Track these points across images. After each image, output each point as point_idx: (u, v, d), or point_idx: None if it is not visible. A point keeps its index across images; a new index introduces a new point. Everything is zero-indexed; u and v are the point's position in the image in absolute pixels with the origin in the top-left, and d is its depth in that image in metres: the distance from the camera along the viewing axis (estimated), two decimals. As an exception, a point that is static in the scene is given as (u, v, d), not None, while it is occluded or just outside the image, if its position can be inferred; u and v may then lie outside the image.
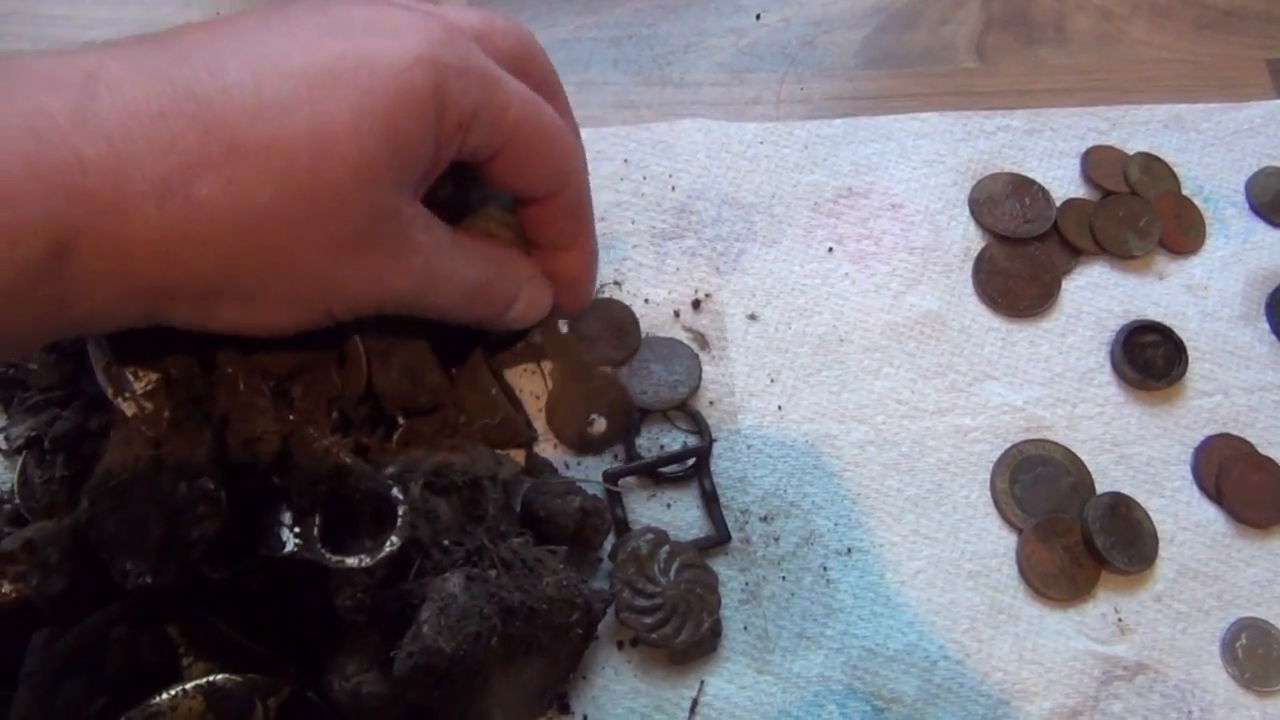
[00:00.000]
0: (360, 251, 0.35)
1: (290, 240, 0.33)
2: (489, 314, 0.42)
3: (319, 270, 0.34)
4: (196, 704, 0.37)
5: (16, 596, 0.39)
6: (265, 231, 0.32)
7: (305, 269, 0.34)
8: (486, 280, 0.41)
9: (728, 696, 0.45)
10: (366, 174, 0.33)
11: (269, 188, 0.32)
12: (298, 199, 0.32)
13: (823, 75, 0.62)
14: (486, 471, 0.42)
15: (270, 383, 0.40)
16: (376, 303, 0.37)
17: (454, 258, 0.39)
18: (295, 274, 0.34)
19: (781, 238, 0.56)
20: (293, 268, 0.34)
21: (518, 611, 0.38)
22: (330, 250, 0.34)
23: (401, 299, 0.38)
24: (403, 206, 0.36)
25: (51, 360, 0.43)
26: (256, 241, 0.32)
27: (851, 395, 0.52)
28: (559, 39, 0.61)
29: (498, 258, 0.43)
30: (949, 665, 0.47)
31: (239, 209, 0.32)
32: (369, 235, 0.35)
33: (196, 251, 0.32)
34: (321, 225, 0.33)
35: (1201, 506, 0.51)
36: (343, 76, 0.33)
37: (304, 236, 0.33)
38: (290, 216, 0.33)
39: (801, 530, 0.49)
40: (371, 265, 0.35)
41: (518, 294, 0.43)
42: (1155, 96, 0.62)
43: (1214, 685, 0.48)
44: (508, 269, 0.43)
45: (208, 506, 0.36)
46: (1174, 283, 0.57)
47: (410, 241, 0.36)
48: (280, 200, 0.32)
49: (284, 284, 0.34)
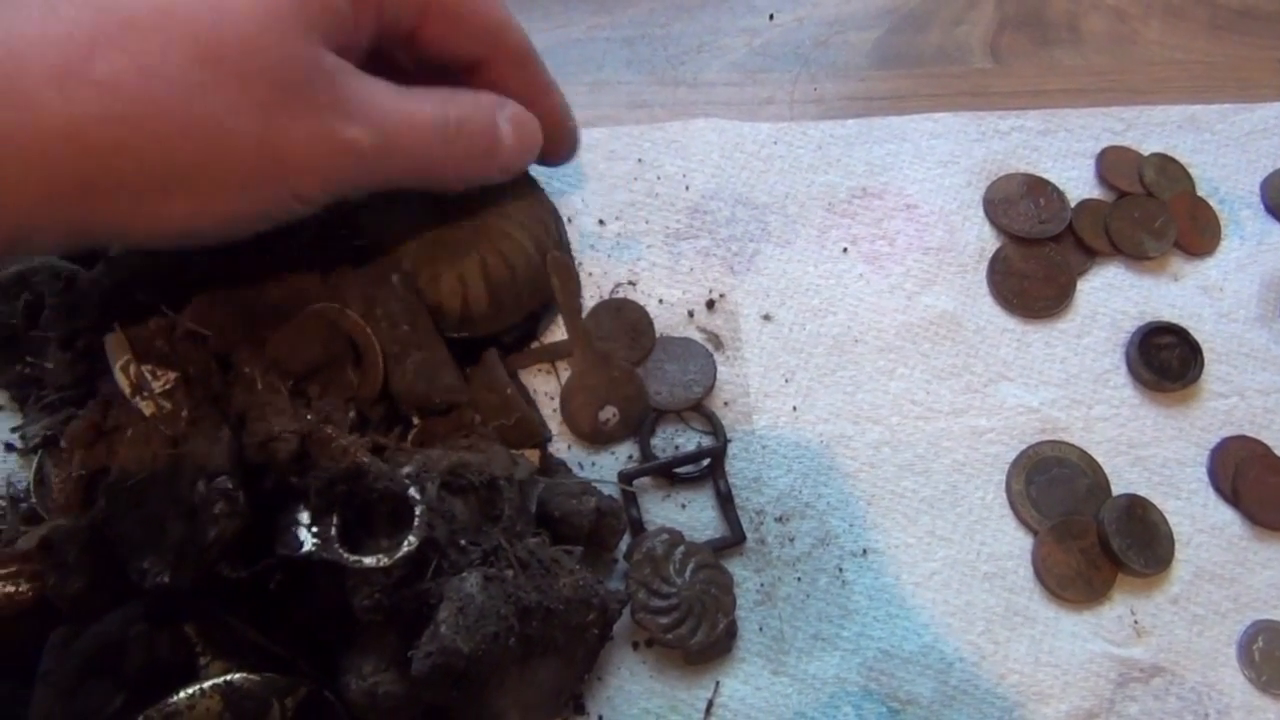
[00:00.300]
0: (293, 105, 0.33)
1: (213, 107, 0.31)
2: (480, 153, 0.41)
3: (256, 135, 0.33)
4: (214, 703, 0.37)
5: (34, 595, 0.40)
6: (184, 102, 0.31)
7: (241, 137, 0.32)
8: (455, 116, 0.39)
9: (743, 698, 0.45)
10: (273, 22, 0.32)
11: (175, 55, 0.31)
12: (208, 62, 0.31)
13: (836, 75, 0.62)
14: (503, 471, 0.42)
15: (288, 382, 0.40)
16: (341, 167, 0.35)
17: (404, 99, 0.38)
18: (232, 145, 0.32)
19: (796, 238, 0.55)
20: (227, 137, 0.32)
21: (534, 612, 0.38)
22: (260, 110, 0.32)
23: (366, 154, 0.36)
24: (322, 56, 0.34)
25: (68, 359, 0.43)
26: (177, 115, 0.31)
27: (866, 396, 0.52)
28: (572, 38, 0.61)
29: (454, 93, 0.41)
30: (965, 667, 0.46)
31: (148, 83, 0.30)
32: (296, 86, 0.33)
33: (115, 135, 0.30)
34: (241, 85, 0.32)
35: (1218, 508, 0.51)
36: None
37: (226, 100, 0.32)
38: (205, 81, 0.31)
39: (817, 531, 0.49)
40: (312, 119, 0.34)
41: (497, 121, 0.42)
42: (1170, 97, 0.62)
43: (1230, 688, 0.47)
44: (471, 100, 0.41)
45: (226, 506, 0.36)
46: (1189, 284, 0.56)
47: (342, 88, 0.35)
48: (190, 66, 0.31)
49: (225, 159, 0.33)
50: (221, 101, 0.31)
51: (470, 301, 0.46)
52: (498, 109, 0.42)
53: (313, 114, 0.34)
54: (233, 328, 0.41)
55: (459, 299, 0.45)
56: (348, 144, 0.35)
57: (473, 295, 0.46)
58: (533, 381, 0.51)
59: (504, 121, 0.42)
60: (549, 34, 0.61)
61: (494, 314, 0.47)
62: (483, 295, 0.46)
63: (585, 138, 0.56)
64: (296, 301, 0.42)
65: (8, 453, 0.46)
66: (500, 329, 0.48)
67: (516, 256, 0.47)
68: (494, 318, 0.47)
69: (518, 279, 0.47)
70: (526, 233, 0.47)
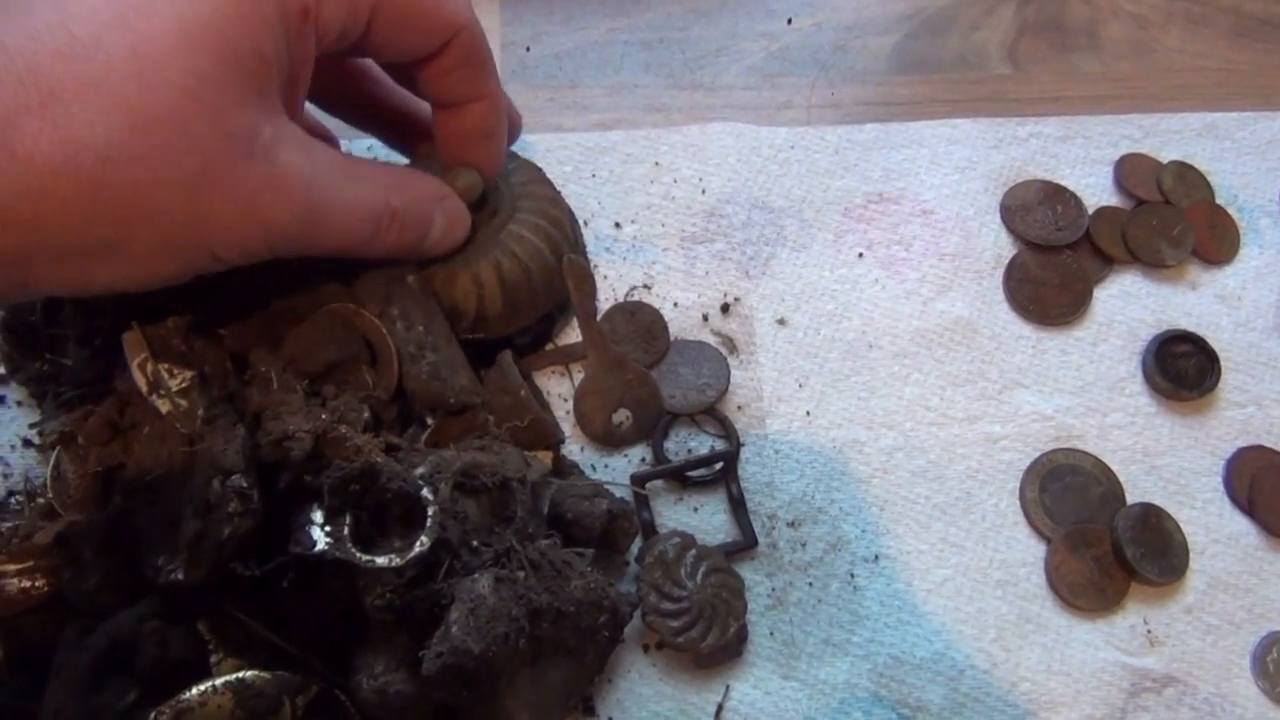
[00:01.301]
0: (219, 182, 0.32)
1: (137, 180, 0.31)
2: (407, 242, 0.40)
3: (179, 209, 0.32)
4: (226, 700, 0.37)
5: (49, 590, 0.40)
6: (107, 175, 0.30)
7: (164, 209, 0.32)
8: (391, 205, 0.39)
9: (753, 702, 0.45)
10: (204, 95, 0.31)
11: (100, 128, 0.30)
12: (133, 134, 0.30)
13: (854, 80, 0.62)
14: (515, 473, 0.42)
15: (303, 381, 0.40)
16: (262, 240, 0.34)
17: (344, 182, 0.37)
18: (155, 217, 0.32)
19: (811, 242, 0.55)
20: (150, 210, 0.31)
21: (545, 613, 0.38)
22: (185, 185, 0.31)
23: (289, 232, 0.35)
24: (260, 125, 0.33)
25: (86, 356, 0.44)
26: (100, 188, 0.30)
27: (880, 401, 0.52)
28: (591, 41, 0.62)
29: (399, 179, 0.40)
30: (976, 674, 0.46)
31: (70, 155, 0.29)
32: (224, 162, 0.32)
33: (35, 209, 0.30)
34: (166, 158, 0.31)
35: (1233, 518, 0.51)
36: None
37: (151, 174, 0.31)
38: (129, 155, 0.30)
39: (829, 536, 0.49)
40: (238, 195, 0.33)
41: (433, 213, 0.41)
42: (1190, 105, 0.62)
43: (1244, 699, 0.47)
44: (413, 189, 0.41)
45: (240, 504, 0.36)
46: (1207, 293, 0.56)
47: (279, 164, 0.34)
48: (114, 139, 0.30)
49: (147, 230, 0.32)
50: (147, 175, 0.31)
51: (485, 302, 0.46)
52: (436, 202, 0.42)
53: (241, 190, 0.33)
54: (249, 328, 0.41)
55: (474, 300, 0.46)
56: (272, 223, 0.34)
57: (488, 296, 0.46)
58: (547, 384, 0.51)
59: (440, 215, 0.42)
60: (568, 37, 0.62)
61: (509, 315, 0.47)
62: (497, 296, 0.46)
63: (602, 140, 0.57)
64: (312, 301, 0.43)
65: (26, 449, 0.47)
66: (515, 330, 0.48)
67: (531, 258, 0.47)
68: (508, 319, 0.47)
69: (533, 280, 0.47)
70: (542, 235, 0.47)
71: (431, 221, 0.41)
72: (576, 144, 0.57)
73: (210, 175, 0.32)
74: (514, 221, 0.47)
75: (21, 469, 0.46)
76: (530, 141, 0.56)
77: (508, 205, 0.48)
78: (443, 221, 0.42)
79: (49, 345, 0.45)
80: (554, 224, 0.48)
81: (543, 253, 0.47)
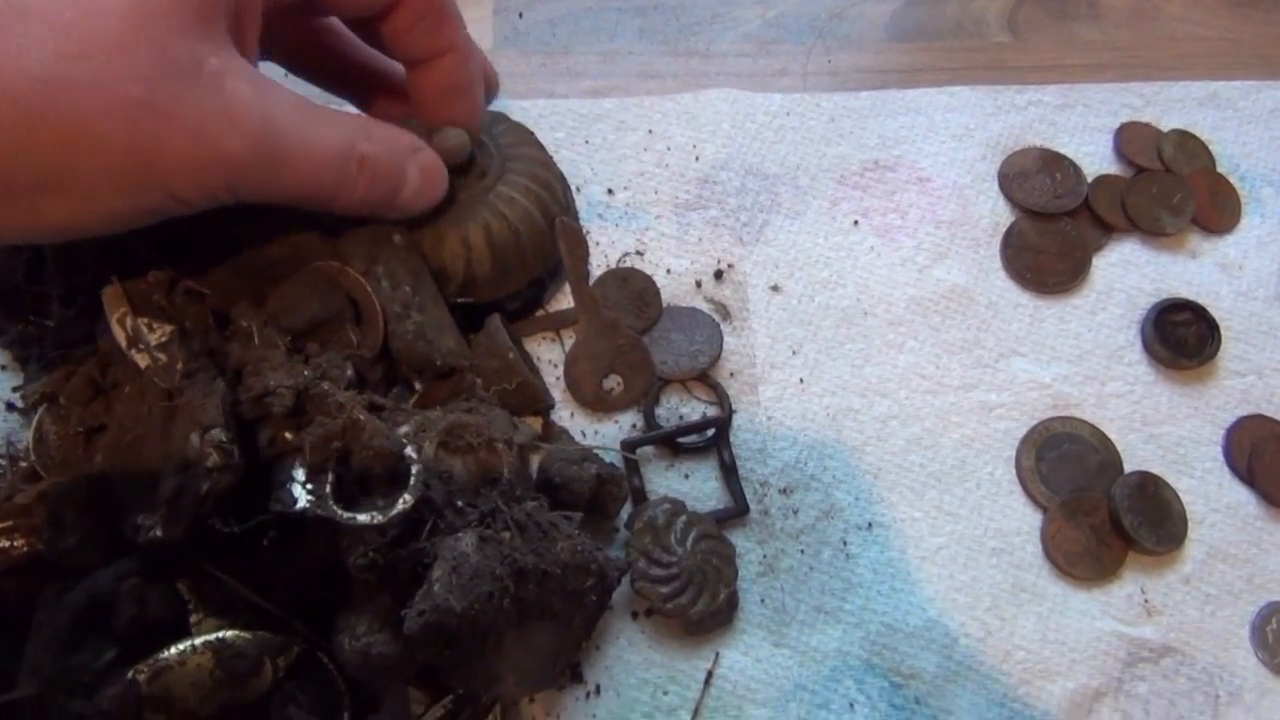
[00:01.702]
0: (167, 108, 0.31)
1: (76, 106, 0.30)
2: (378, 195, 0.39)
3: (127, 137, 0.31)
4: (205, 660, 0.36)
5: (29, 550, 0.39)
6: (50, 102, 0.30)
7: (106, 136, 0.31)
8: (358, 150, 0.37)
9: (743, 669, 0.44)
10: (144, 21, 0.31)
11: (38, 53, 0.29)
12: (74, 60, 0.30)
13: (851, 47, 0.61)
14: (502, 434, 0.41)
15: (286, 338, 0.39)
16: (217, 175, 0.33)
17: (306, 120, 0.36)
18: (98, 145, 0.31)
19: (806, 209, 0.55)
20: (91, 137, 0.31)
21: (530, 574, 0.38)
22: (126, 112, 0.31)
23: (244, 165, 0.34)
24: (205, 54, 0.32)
25: (69, 316, 0.43)
26: (38, 114, 0.30)
27: (875, 369, 0.51)
28: (585, 8, 0.61)
29: (367, 125, 0.39)
30: (970, 643, 0.46)
31: (8, 79, 0.29)
32: (170, 88, 0.31)
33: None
34: (109, 84, 0.30)
35: (1232, 488, 0.50)
36: None
37: (96, 100, 0.30)
38: (71, 79, 0.30)
39: (821, 504, 0.48)
40: (185, 124, 0.32)
41: (404, 165, 0.40)
42: (1191, 73, 0.61)
43: (1243, 669, 0.46)
44: (383, 137, 0.39)
45: (219, 459, 0.35)
46: (1208, 261, 0.55)
47: (228, 93, 0.33)
48: (56, 65, 0.30)
49: (96, 160, 0.31)
50: (87, 100, 0.30)
51: (474, 264, 0.45)
52: (410, 154, 0.40)
53: (188, 118, 0.32)
54: (232, 283, 0.41)
55: (462, 262, 0.45)
56: (225, 154, 0.33)
57: (476, 258, 0.45)
58: (537, 349, 0.50)
59: (413, 167, 0.40)
60: (561, 3, 0.61)
61: (498, 278, 0.46)
62: (486, 258, 0.45)
63: (595, 107, 0.56)
64: (298, 258, 0.42)
65: (9, 412, 0.46)
66: (504, 294, 0.48)
67: (521, 220, 0.46)
68: (498, 282, 0.47)
69: (522, 243, 0.46)
70: (532, 197, 0.47)
71: (404, 174, 0.40)
72: (569, 110, 0.56)
73: (153, 102, 0.31)
74: (503, 183, 0.47)
75: (4, 432, 0.46)
76: (523, 108, 0.55)
77: (497, 167, 0.47)
78: (417, 176, 0.41)
79: (32, 306, 0.44)
80: (544, 186, 0.48)
81: (532, 215, 0.47)
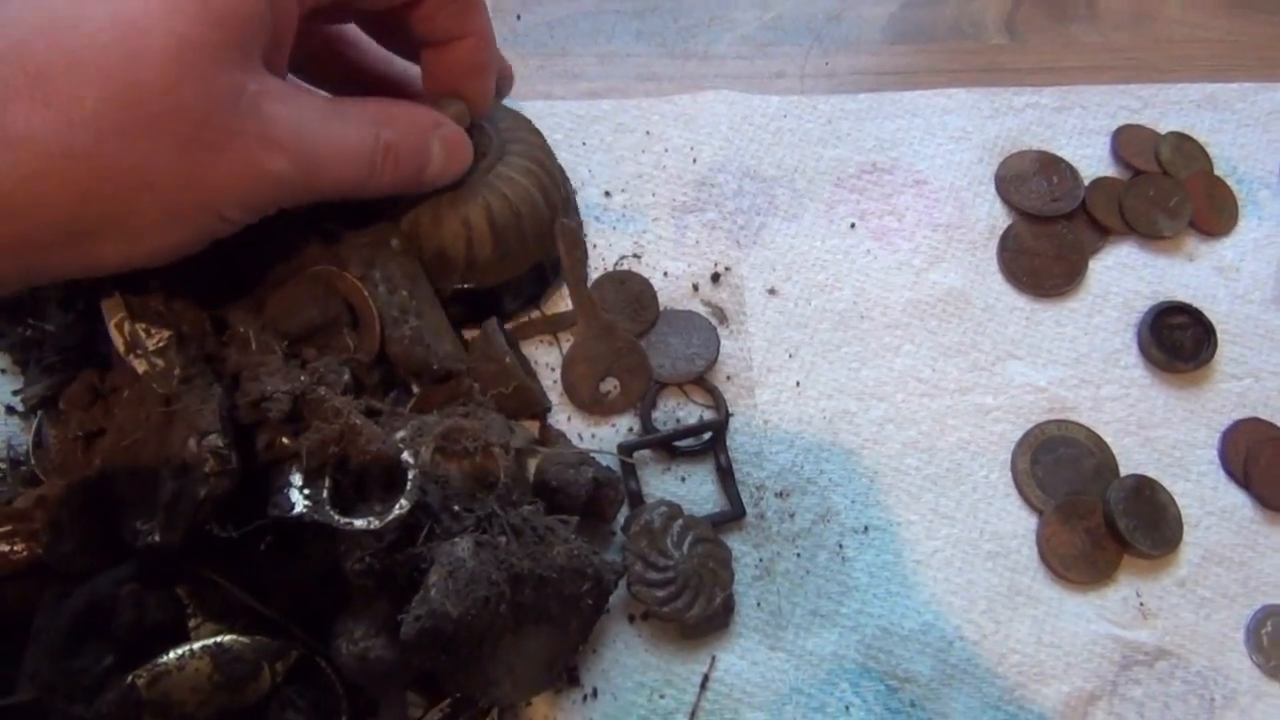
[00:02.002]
0: (214, 140, 0.33)
1: (133, 151, 0.31)
2: (405, 175, 0.40)
3: (178, 174, 0.32)
4: (203, 664, 0.37)
5: (28, 555, 0.40)
6: (103, 150, 0.31)
7: (162, 177, 0.32)
8: (383, 139, 0.39)
9: (739, 672, 0.45)
10: (189, 56, 0.31)
11: (90, 103, 0.30)
12: (124, 106, 0.30)
13: (848, 50, 0.61)
14: (499, 438, 0.41)
15: (283, 343, 0.40)
16: (265, 194, 0.35)
17: (333, 124, 0.37)
18: (157, 185, 0.32)
19: (803, 212, 0.55)
20: (149, 179, 0.32)
21: (527, 579, 0.38)
22: (180, 150, 0.32)
23: (288, 180, 0.35)
24: (245, 82, 0.33)
25: (69, 321, 0.43)
26: (98, 164, 0.31)
27: (871, 372, 0.51)
28: (583, 10, 0.61)
29: (387, 111, 0.40)
30: (965, 646, 0.46)
31: (64, 133, 0.30)
32: (216, 120, 0.32)
33: (35, 192, 0.30)
34: (160, 126, 0.31)
35: (1228, 491, 0.50)
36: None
37: (147, 143, 0.31)
38: (122, 126, 0.31)
39: (818, 507, 0.48)
40: (233, 153, 0.33)
41: (428, 143, 0.41)
42: (1189, 76, 0.61)
43: (1237, 673, 0.47)
44: (404, 120, 0.40)
45: (216, 464, 0.35)
46: (1204, 264, 0.55)
47: (267, 116, 0.34)
48: (105, 112, 0.30)
49: (148, 200, 0.32)
50: (141, 145, 0.31)
51: (475, 245, 0.45)
52: (432, 130, 0.41)
53: (235, 147, 0.33)
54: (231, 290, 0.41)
55: (463, 243, 0.45)
56: (270, 174, 0.35)
57: (477, 239, 0.45)
58: (534, 353, 0.50)
59: (436, 143, 0.42)
60: (559, 5, 0.61)
61: (499, 261, 0.46)
62: (487, 239, 0.45)
63: (593, 109, 0.56)
64: (295, 264, 0.42)
65: (9, 415, 0.46)
66: (506, 279, 0.47)
67: (521, 201, 0.46)
68: (499, 265, 0.47)
69: (523, 225, 0.46)
70: (532, 178, 0.47)
71: (428, 151, 0.41)
72: (567, 112, 0.56)
73: (203, 137, 0.32)
74: (502, 164, 0.47)
75: (4, 436, 0.46)
76: (521, 109, 0.55)
77: (496, 148, 0.47)
78: (441, 151, 0.42)
79: (31, 310, 0.45)
80: (543, 169, 0.48)
81: (533, 196, 0.47)
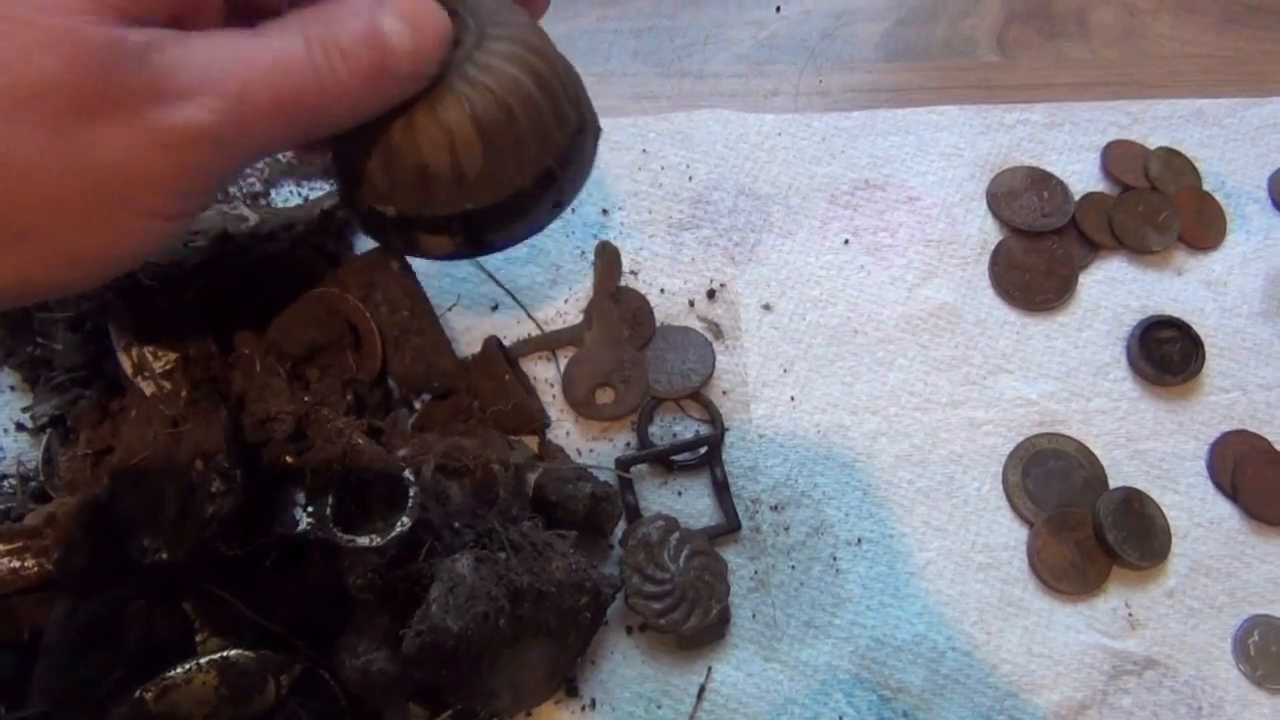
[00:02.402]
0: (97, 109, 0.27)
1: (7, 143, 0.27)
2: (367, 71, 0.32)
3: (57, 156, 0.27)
4: (210, 678, 0.37)
5: (39, 571, 0.40)
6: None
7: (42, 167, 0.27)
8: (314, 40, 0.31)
9: (735, 683, 0.46)
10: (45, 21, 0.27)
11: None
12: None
13: (842, 68, 0.62)
14: (499, 455, 0.42)
15: (286, 364, 0.41)
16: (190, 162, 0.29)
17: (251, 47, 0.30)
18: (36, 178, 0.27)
19: (797, 229, 0.56)
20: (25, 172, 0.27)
21: (526, 593, 0.39)
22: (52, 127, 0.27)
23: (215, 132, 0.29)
24: (123, 36, 0.28)
25: (76, 341, 0.44)
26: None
27: (864, 386, 0.52)
28: (580, 30, 0.62)
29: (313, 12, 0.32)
30: (957, 656, 0.47)
31: None
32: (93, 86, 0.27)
33: None
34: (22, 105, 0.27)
35: (1216, 503, 0.51)
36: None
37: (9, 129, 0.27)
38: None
39: (812, 520, 0.49)
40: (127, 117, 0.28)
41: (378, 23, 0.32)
42: (1179, 91, 0.62)
43: (1225, 682, 0.47)
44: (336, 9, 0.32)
45: (223, 484, 0.36)
46: (1193, 278, 0.56)
47: (160, 67, 0.28)
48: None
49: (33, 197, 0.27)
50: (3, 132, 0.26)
51: (460, 154, 0.35)
52: (375, 7, 0.32)
53: (126, 111, 0.27)
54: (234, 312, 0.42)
55: (445, 153, 0.35)
56: (185, 131, 0.28)
57: (461, 145, 0.35)
58: (533, 369, 0.51)
59: (388, 18, 0.32)
60: (557, 25, 0.61)
61: (495, 173, 0.36)
62: (474, 144, 0.35)
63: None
64: (297, 286, 0.43)
65: (18, 432, 0.47)
66: (506, 194, 0.37)
67: (510, 92, 0.35)
68: (496, 178, 0.36)
69: (516, 122, 0.36)
70: (521, 64, 0.36)
71: (380, 30, 0.32)
72: (565, 131, 0.57)
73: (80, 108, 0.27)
74: (481, 51, 0.35)
75: (14, 453, 0.47)
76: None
77: (473, 32, 0.36)
78: (400, 25, 0.32)
79: (40, 330, 0.46)
80: (535, 52, 0.37)
81: (524, 85, 0.36)
